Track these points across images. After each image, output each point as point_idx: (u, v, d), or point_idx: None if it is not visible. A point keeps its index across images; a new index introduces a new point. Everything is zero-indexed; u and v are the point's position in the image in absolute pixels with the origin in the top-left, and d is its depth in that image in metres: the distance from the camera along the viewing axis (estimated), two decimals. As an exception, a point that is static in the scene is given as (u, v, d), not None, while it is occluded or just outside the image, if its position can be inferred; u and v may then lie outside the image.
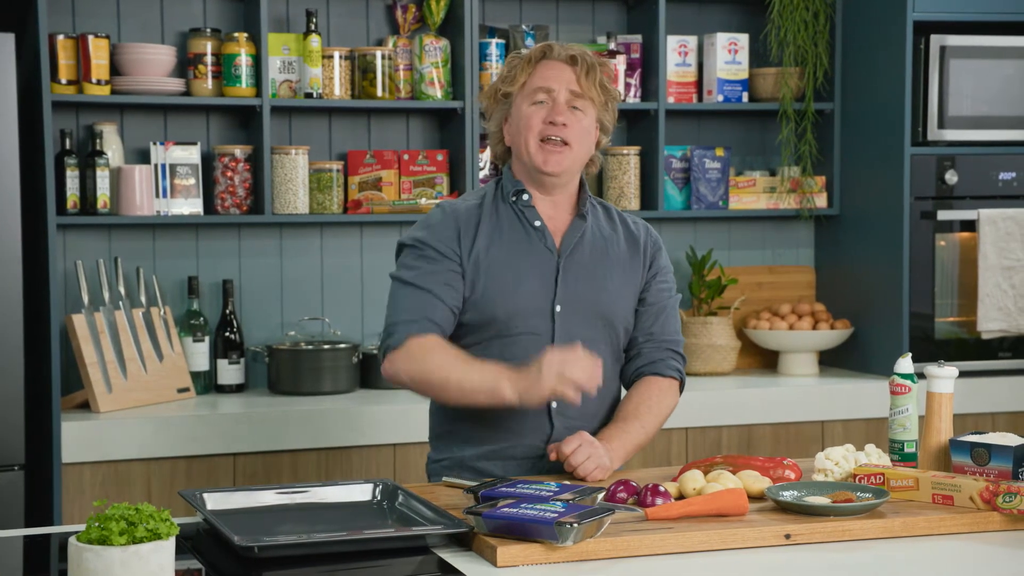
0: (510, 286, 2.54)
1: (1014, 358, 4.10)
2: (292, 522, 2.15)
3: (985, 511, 2.17)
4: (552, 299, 2.56)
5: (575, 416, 2.56)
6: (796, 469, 2.39)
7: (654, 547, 2.01)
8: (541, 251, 2.58)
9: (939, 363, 2.46)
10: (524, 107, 2.57)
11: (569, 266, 2.58)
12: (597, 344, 2.56)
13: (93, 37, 3.64)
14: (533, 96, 2.56)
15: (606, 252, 2.63)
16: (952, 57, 4.00)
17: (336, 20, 4.01)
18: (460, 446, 2.61)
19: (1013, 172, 4.10)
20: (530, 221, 2.60)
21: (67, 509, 3.35)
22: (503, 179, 2.64)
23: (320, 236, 4.02)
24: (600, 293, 2.59)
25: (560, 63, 2.57)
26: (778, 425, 3.88)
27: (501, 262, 2.56)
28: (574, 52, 2.58)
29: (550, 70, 2.57)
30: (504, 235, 2.58)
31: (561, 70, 2.57)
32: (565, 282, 2.57)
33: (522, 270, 2.56)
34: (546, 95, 2.56)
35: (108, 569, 1.66)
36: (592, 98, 2.57)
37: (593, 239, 2.63)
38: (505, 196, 2.62)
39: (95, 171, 3.65)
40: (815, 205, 4.24)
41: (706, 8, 4.32)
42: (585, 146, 2.59)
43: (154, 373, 3.67)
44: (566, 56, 2.57)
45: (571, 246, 2.59)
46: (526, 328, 2.54)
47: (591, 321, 2.58)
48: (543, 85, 2.56)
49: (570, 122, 2.55)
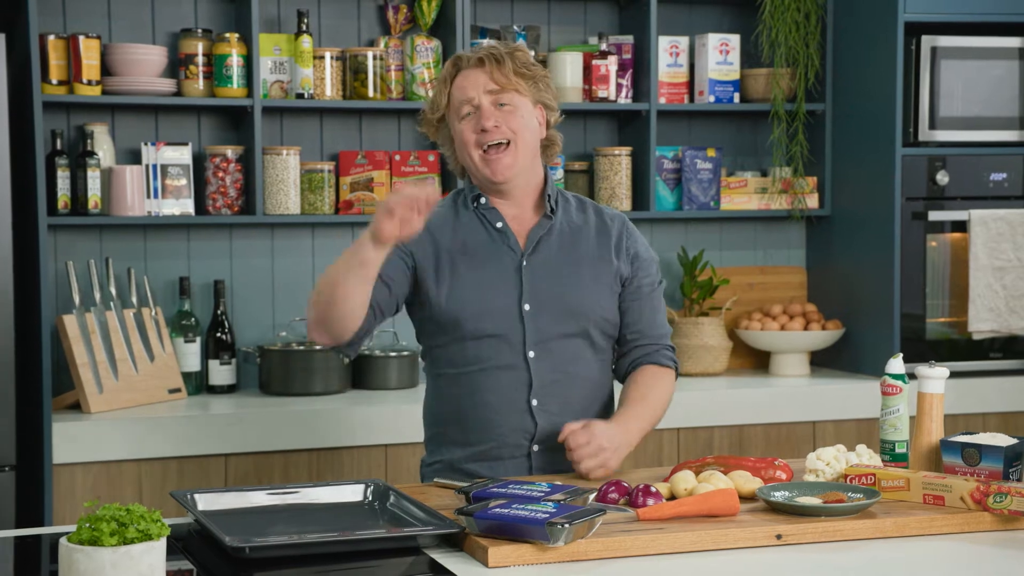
0: (475, 289, 2.55)
1: (1005, 358, 4.11)
2: (283, 523, 2.15)
3: (976, 511, 2.17)
4: (519, 299, 2.56)
5: (557, 412, 2.56)
6: (787, 469, 2.39)
7: (645, 547, 2.02)
8: (504, 252, 2.59)
9: (930, 363, 2.47)
10: (456, 125, 2.58)
11: (534, 264, 2.59)
12: (572, 340, 2.58)
13: (84, 37, 3.64)
14: (459, 111, 2.57)
15: (575, 246, 2.62)
16: (943, 58, 4.01)
17: (327, 21, 4.01)
18: (449, 448, 2.62)
19: (1004, 173, 4.10)
20: (492, 223, 2.60)
21: (58, 510, 3.35)
22: (464, 187, 2.67)
23: (312, 237, 4.02)
24: (569, 289, 2.59)
25: (472, 70, 2.57)
26: (769, 426, 3.88)
27: (465, 266, 2.57)
28: (481, 53, 2.58)
29: (465, 80, 2.57)
30: (467, 240, 2.59)
31: (475, 76, 2.56)
32: (531, 281, 2.57)
33: (486, 272, 2.57)
34: (469, 105, 2.56)
35: (99, 570, 1.66)
36: (516, 88, 2.56)
37: (561, 235, 2.62)
38: (467, 202, 2.63)
39: (86, 171, 3.65)
40: (806, 206, 4.24)
41: (697, 9, 4.32)
42: (528, 137, 2.58)
43: (145, 374, 3.66)
44: (474, 60, 2.57)
45: (535, 244, 2.60)
46: (495, 329, 2.55)
47: (562, 318, 2.58)
48: (462, 97, 2.56)
49: (501, 120, 2.54)
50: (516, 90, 2.56)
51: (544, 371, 2.57)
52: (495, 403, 2.55)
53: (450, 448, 2.61)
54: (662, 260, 4.31)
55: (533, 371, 2.56)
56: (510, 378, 2.55)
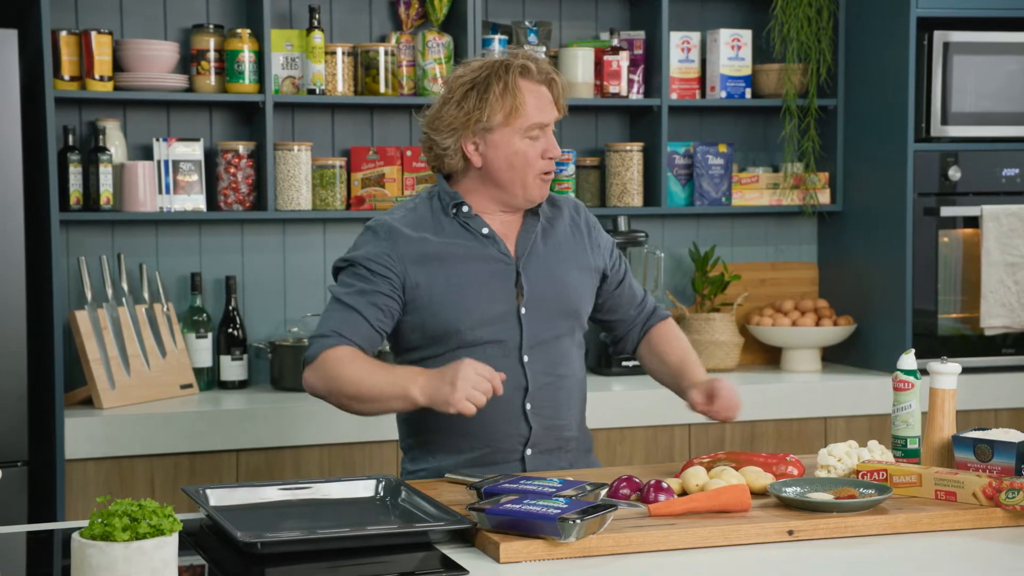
0: (468, 296, 2.51)
1: (1017, 354, 4.10)
2: (295, 518, 2.15)
3: (988, 507, 2.17)
4: (517, 303, 2.55)
5: (549, 415, 2.56)
6: (799, 465, 2.39)
7: (657, 543, 2.02)
8: (496, 257, 2.55)
9: (942, 359, 2.46)
10: (516, 142, 2.52)
11: (529, 268, 2.57)
12: (561, 340, 2.59)
13: (96, 33, 3.64)
14: (528, 132, 2.52)
15: (558, 245, 2.62)
16: (955, 53, 4.00)
17: (339, 16, 4.01)
18: (436, 456, 2.57)
19: (1016, 168, 4.09)
20: (477, 229, 2.56)
21: (70, 505, 3.36)
22: (439, 190, 2.60)
23: (323, 232, 4.02)
24: (564, 289, 2.59)
25: (540, 87, 2.53)
26: (781, 421, 3.88)
27: (454, 273, 2.52)
28: (549, 73, 2.55)
29: (539, 100, 2.52)
30: (453, 246, 2.54)
31: (545, 96, 2.54)
32: (528, 284, 2.56)
33: (479, 279, 2.53)
34: (539, 129, 2.53)
35: (111, 565, 1.67)
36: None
37: (545, 234, 2.62)
38: (445, 208, 2.57)
39: (98, 167, 3.66)
40: (818, 201, 4.23)
41: (709, 4, 4.32)
42: None
43: (157, 369, 3.67)
44: (544, 79, 2.54)
45: (527, 247, 2.58)
46: (491, 336, 2.51)
47: (556, 319, 2.57)
48: (539, 120, 2.52)
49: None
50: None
51: (538, 374, 2.55)
52: (490, 410, 2.43)
53: (437, 456, 2.57)
54: (674, 256, 4.32)
55: (528, 375, 2.54)
56: (506, 383, 2.47)
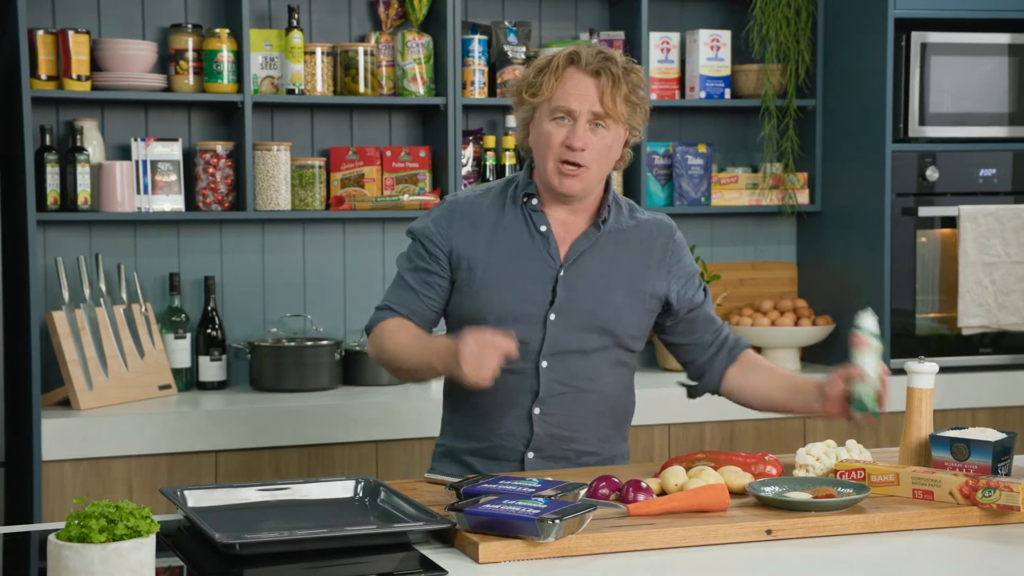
0: (503, 290, 2.50)
1: (994, 354, 4.12)
2: (274, 519, 2.15)
3: (965, 506, 2.18)
4: (547, 308, 2.51)
5: (559, 424, 2.53)
6: (777, 465, 2.39)
7: (636, 543, 2.02)
8: (542, 258, 2.52)
9: (920, 359, 2.47)
10: (545, 123, 2.47)
11: (571, 276, 2.52)
12: (591, 355, 2.53)
13: (73, 32, 3.62)
14: (553, 113, 2.46)
15: (616, 260, 2.54)
16: (933, 54, 4.02)
17: (318, 16, 4.00)
18: (454, 437, 2.61)
19: (994, 168, 4.11)
20: (536, 225, 2.53)
21: (47, 506, 3.34)
22: (519, 178, 2.57)
23: (302, 233, 4.01)
24: (603, 305, 2.52)
25: (585, 77, 2.44)
26: (760, 421, 3.88)
27: (498, 265, 2.51)
28: (599, 64, 2.44)
29: (575, 85, 2.44)
30: (506, 237, 2.52)
31: (586, 86, 2.43)
32: (564, 292, 2.51)
33: (519, 276, 2.51)
34: (567, 114, 2.45)
35: (88, 567, 1.66)
36: (617, 116, 2.45)
37: (605, 247, 2.54)
38: (516, 197, 2.55)
39: (76, 167, 3.64)
40: (797, 201, 4.24)
41: (688, 5, 4.32)
42: (605, 163, 2.49)
43: (135, 370, 3.65)
44: (592, 70, 2.45)
45: (577, 255, 2.53)
46: (515, 334, 2.43)
47: (586, 332, 2.52)
48: (564, 104, 2.44)
49: (589, 144, 2.44)
50: (615, 117, 2.46)
51: (553, 382, 2.52)
52: (498, 404, 2.51)
53: (455, 435, 2.61)
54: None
55: (542, 381, 2.51)
56: (517, 383, 2.49)
